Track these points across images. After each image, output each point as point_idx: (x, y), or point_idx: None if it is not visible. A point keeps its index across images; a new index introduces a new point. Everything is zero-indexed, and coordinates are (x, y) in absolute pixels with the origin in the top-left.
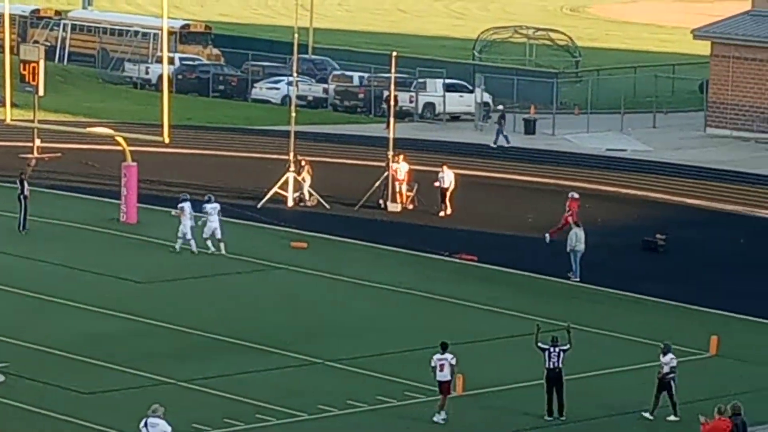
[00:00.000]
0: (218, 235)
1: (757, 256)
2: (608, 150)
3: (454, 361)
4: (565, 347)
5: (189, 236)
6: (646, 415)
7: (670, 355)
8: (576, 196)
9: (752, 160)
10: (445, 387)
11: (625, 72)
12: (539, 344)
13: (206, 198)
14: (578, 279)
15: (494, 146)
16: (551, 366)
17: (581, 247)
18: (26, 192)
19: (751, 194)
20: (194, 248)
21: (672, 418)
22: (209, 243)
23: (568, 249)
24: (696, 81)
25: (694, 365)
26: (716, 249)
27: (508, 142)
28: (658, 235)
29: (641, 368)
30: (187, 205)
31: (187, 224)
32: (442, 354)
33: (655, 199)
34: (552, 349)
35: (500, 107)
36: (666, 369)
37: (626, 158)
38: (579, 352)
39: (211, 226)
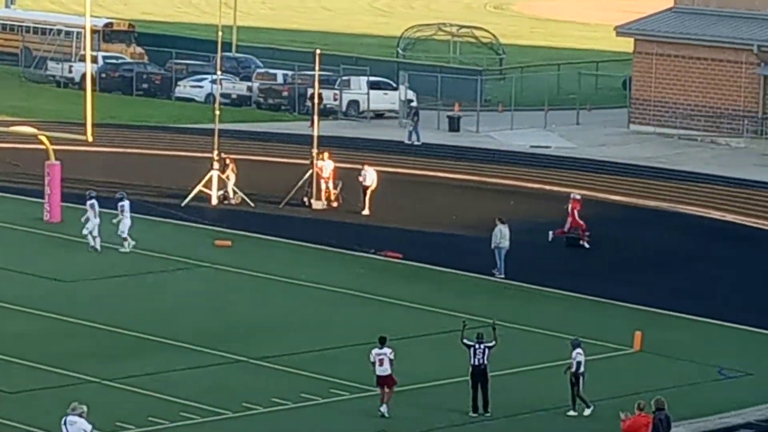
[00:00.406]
0: (125, 234)
1: (681, 252)
2: (532, 147)
3: (392, 356)
4: (490, 344)
5: (96, 233)
6: (571, 413)
7: (577, 350)
8: (578, 197)
9: (675, 157)
10: (384, 381)
11: (549, 69)
12: (464, 341)
13: (119, 195)
14: (503, 276)
15: (408, 143)
16: (476, 363)
17: (506, 243)
18: None
19: (674, 190)
20: (98, 246)
21: (571, 413)
22: (128, 242)
23: (492, 246)
24: (619, 78)
25: (618, 361)
26: (640, 245)
27: (419, 140)
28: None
29: (566, 364)
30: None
31: (126, 223)
32: (381, 348)
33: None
34: (477, 346)
35: (413, 104)
36: (574, 364)
37: (550, 155)
38: (504, 348)
39: (126, 223)
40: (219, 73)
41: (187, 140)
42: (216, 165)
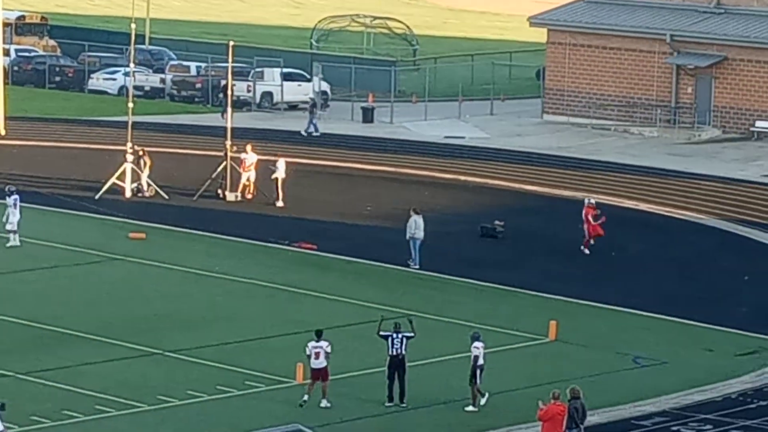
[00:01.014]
0: (14, 227)
1: (595, 242)
2: (446, 137)
3: (329, 349)
4: (409, 334)
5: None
6: (470, 408)
7: (476, 344)
8: (592, 202)
9: (589, 146)
10: (319, 374)
11: (463, 60)
12: (381, 333)
13: (9, 189)
14: (418, 266)
15: (305, 134)
16: (394, 353)
17: (420, 234)
18: None
19: (588, 180)
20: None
21: (470, 408)
22: (16, 236)
23: (407, 237)
24: (533, 68)
25: (534, 350)
26: (555, 235)
27: (316, 130)
28: (496, 222)
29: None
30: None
31: (17, 216)
32: (318, 342)
33: (494, 186)
34: (395, 336)
35: (311, 96)
36: (472, 357)
37: (464, 145)
38: (420, 339)
39: (17, 216)
40: (132, 65)
41: (101, 133)
42: (130, 157)
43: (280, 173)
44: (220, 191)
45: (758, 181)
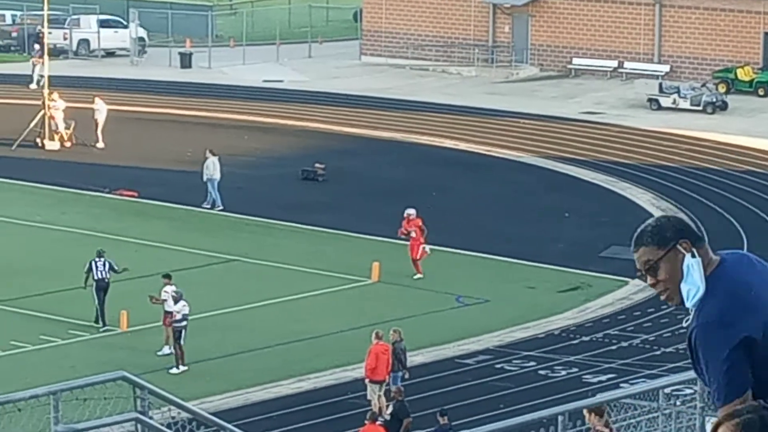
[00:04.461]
0: None
1: (416, 182)
2: (265, 81)
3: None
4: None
5: None
6: (174, 371)
7: (182, 303)
8: (411, 213)
9: (408, 87)
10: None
11: (280, 3)
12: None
13: None
14: (221, 207)
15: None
16: (100, 276)
17: (218, 175)
18: None
19: (407, 121)
20: None
21: (174, 370)
22: None
23: (204, 179)
24: (350, 10)
25: (357, 292)
26: (375, 176)
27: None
28: (317, 165)
29: (307, 297)
30: None
31: None
32: (170, 284)
33: (314, 129)
34: (97, 260)
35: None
36: (179, 317)
37: (283, 89)
38: (246, 282)
39: None
40: None
41: None
42: None
43: (101, 114)
44: (38, 140)
45: (576, 118)
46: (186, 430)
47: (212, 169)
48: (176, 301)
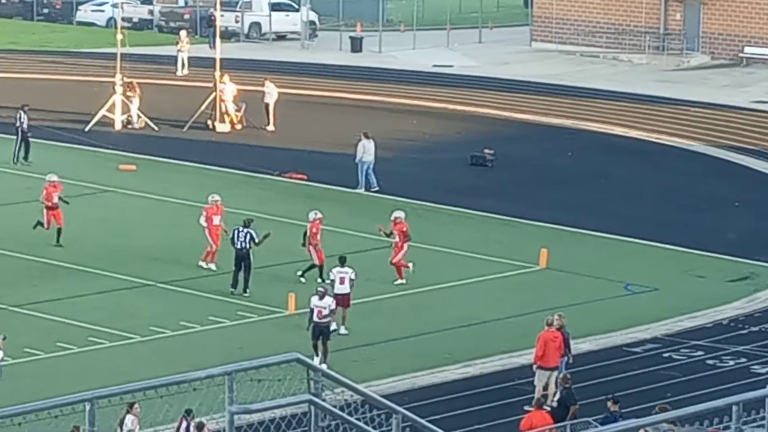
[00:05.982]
0: None
1: (584, 169)
2: (435, 66)
3: (353, 275)
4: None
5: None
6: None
7: (328, 299)
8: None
9: (577, 74)
10: (342, 301)
11: None
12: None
13: None
14: (363, 189)
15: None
16: (239, 246)
17: (369, 158)
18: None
19: (576, 107)
20: None
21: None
22: None
23: (356, 160)
24: None
25: (525, 278)
26: (544, 162)
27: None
28: (486, 150)
29: (474, 282)
30: None
31: None
32: (342, 267)
33: (483, 115)
34: (240, 230)
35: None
36: (326, 311)
37: (453, 74)
38: (418, 268)
39: None
40: None
41: (90, 65)
42: (119, 89)
43: (271, 97)
44: (209, 122)
45: (747, 107)
46: (358, 413)
47: (362, 152)
48: (321, 297)
